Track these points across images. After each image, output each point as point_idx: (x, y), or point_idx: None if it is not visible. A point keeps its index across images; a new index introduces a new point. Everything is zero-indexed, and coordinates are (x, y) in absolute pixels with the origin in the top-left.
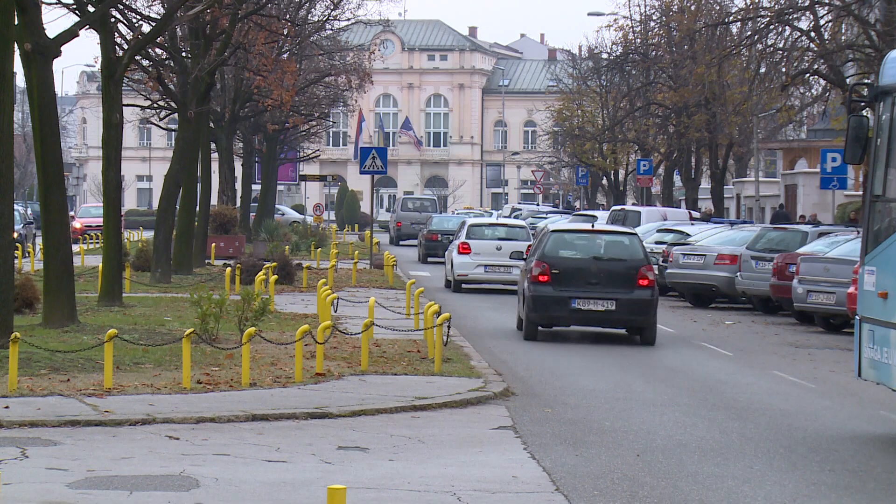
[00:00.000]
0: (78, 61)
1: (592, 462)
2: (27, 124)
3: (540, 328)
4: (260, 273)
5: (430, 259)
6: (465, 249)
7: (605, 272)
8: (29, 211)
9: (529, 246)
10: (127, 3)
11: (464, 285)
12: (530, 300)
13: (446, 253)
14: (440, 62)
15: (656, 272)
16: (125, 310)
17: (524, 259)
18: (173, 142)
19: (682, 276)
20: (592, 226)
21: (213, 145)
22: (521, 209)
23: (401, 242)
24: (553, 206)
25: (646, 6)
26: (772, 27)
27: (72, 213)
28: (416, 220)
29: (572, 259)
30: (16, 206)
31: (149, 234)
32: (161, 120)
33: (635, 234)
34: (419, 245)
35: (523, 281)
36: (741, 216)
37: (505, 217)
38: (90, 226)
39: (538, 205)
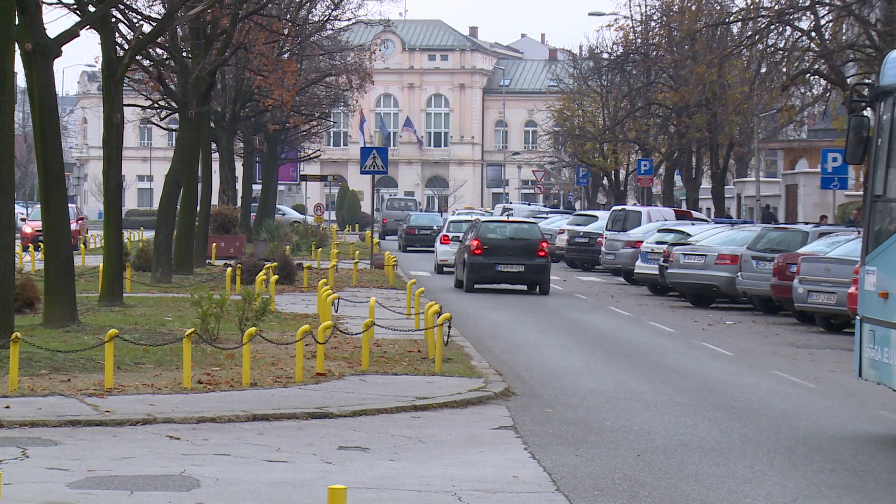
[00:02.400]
0: (78, 61)
1: (593, 462)
2: (28, 124)
3: (475, 285)
4: (260, 273)
5: (408, 249)
6: (445, 241)
7: (517, 247)
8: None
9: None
10: (127, 3)
11: (444, 269)
12: (469, 265)
13: (435, 244)
14: (441, 62)
15: (548, 246)
16: (126, 310)
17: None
18: (174, 142)
19: (683, 276)
20: (509, 217)
21: (213, 145)
22: (511, 209)
23: (386, 237)
24: (544, 205)
25: (646, 6)
26: (772, 27)
27: (22, 215)
28: (399, 218)
29: (496, 239)
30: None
31: (149, 234)
32: (162, 120)
33: (536, 222)
34: (399, 237)
35: (462, 254)
36: (742, 216)
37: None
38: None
39: (529, 204)
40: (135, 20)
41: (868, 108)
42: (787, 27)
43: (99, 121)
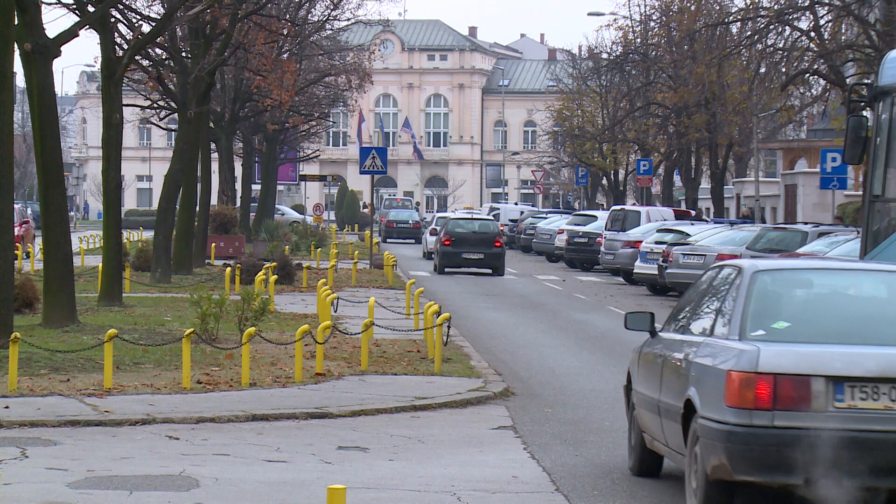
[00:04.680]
0: (78, 61)
1: (593, 462)
2: (27, 124)
3: (445, 269)
4: (260, 273)
5: (388, 240)
6: (434, 233)
7: (478, 239)
8: (29, 210)
9: (417, 223)
10: (127, 3)
11: (433, 255)
12: (441, 253)
13: (423, 236)
14: (440, 62)
15: (504, 239)
16: (125, 310)
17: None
18: (173, 142)
19: (683, 275)
20: (472, 216)
21: (213, 145)
22: (498, 208)
23: (388, 240)
24: (529, 205)
25: (646, 6)
26: (772, 27)
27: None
28: (382, 214)
29: (462, 232)
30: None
31: (148, 234)
32: (161, 120)
33: (493, 219)
34: (380, 231)
35: (437, 244)
36: (741, 216)
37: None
38: None
39: (517, 203)
40: (134, 20)
41: (867, 108)
42: (787, 27)
43: (98, 121)
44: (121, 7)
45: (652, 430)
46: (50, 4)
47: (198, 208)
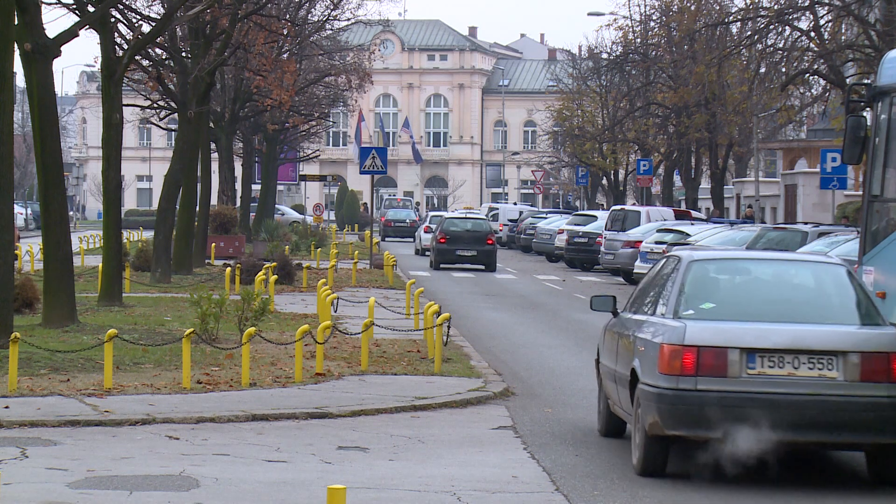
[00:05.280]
0: (78, 61)
1: (592, 462)
2: (27, 124)
3: (441, 265)
4: (260, 273)
5: (387, 239)
6: (427, 230)
7: (471, 237)
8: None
9: (413, 221)
10: (127, 3)
11: (426, 252)
12: (436, 251)
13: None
14: (440, 62)
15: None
16: (125, 310)
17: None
18: (173, 142)
19: None
20: (466, 216)
21: (213, 145)
22: (497, 208)
23: (386, 239)
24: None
25: (646, 6)
26: (772, 27)
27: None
28: (382, 213)
29: (456, 230)
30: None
31: (148, 234)
32: (161, 120)
33: (485, 218)
34: (380, 230)
35: (433, 242)
36: (741, 216)
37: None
38: None
39: (516, 203)
40: (134, 20)
41: (866, 109)
42: (787, 27)
43: (98, 121)
44: (121, 7)
45: (612, 396)
46: (50, 4)
47: (198, 208)
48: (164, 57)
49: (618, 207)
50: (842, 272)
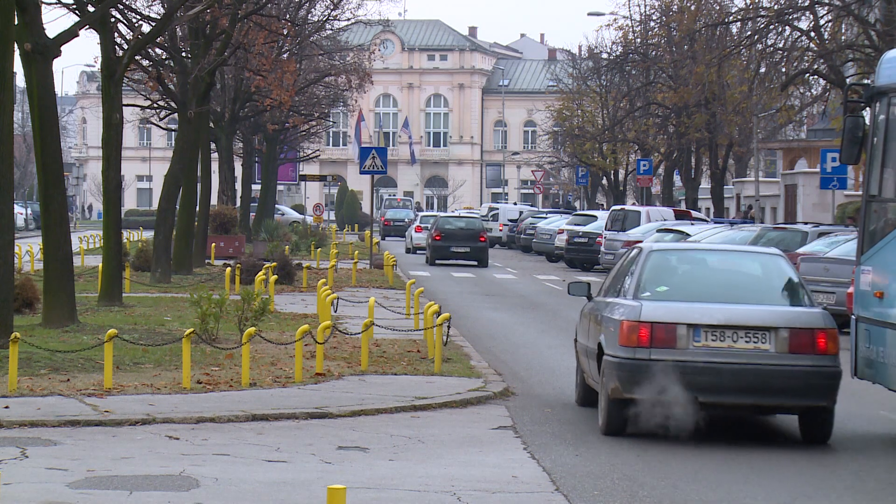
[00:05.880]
0: (78, 61)
1: (592, 462)
2: (27, 124)
3: (436, 261)
4: (260, 273)
5: (386, 238)
6: (419, 230)
7: (465, 235)
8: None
9: (411, 220)
10: (127, 3)
11: (418, 251)
12: (432, 247)
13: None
14: (440, 62)
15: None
16: (125, 310)
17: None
18: (173, 142)
19: None
20: (460, 215)
21: (213, 145)
22: (497, 208)
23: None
24: (530, 206)
25: (646, 6)
26: (772, 27)
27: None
28: (381, 213)
29: (450, 228)
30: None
31: (148, 234)
32: (161, 120)
33: (478, 217)
34: (380, 229)
35: (429, 239)
36: (749, 215)
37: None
38: None
39: (515, 203)
40: (134, 20)
41: (864, 109)
42: (787, 27)
43: (98, 121)
44: (121, 7)
45: (586, 369)
46: (50, 4)
47: (198, 208)
48: (164, 57)
49: (618, 207)
50: (780, 261)
